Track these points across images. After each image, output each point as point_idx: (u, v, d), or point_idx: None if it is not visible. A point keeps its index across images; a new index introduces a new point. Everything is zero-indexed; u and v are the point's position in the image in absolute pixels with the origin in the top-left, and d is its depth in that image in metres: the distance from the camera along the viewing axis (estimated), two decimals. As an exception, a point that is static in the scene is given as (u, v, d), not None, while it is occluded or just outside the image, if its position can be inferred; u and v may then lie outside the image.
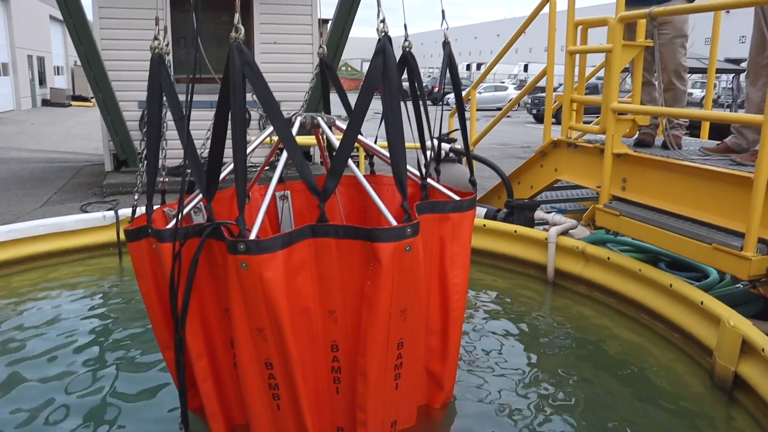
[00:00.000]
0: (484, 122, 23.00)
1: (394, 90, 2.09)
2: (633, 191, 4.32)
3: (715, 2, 3.88)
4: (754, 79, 3.96)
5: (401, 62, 2.52)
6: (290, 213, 2.90)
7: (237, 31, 1.91)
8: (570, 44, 4.73)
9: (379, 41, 2.13)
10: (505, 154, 14.91)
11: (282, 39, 10.68)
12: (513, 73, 49.11)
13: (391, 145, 2.08)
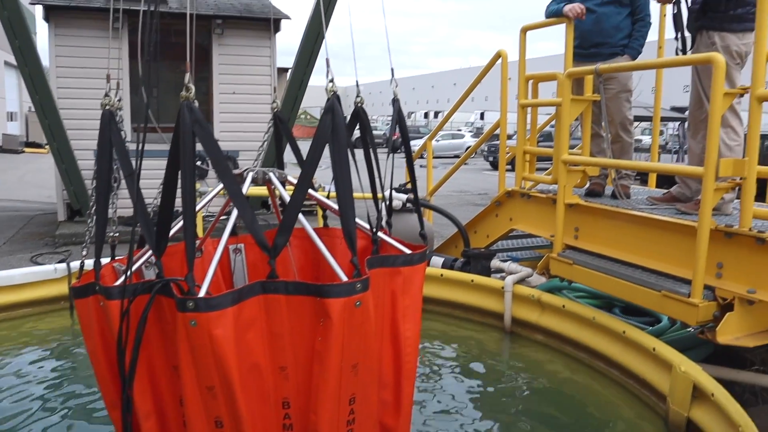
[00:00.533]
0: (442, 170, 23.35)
1: (342, 147, 2.13)
2: (585, 240, 4.43)
3: (655, 61, 4.09)
4: (694, 132, 4.15)
5: (353, 117, 2.57)
6: (244, 267, 2.88)
7: (187, 90, 1.93)
8: (522, 98, 4.89)
9: (328, 100, 2.18)
10: (463, 202, 15.13)
11: (241, 89, 10.76)
12: (470, 121, 50.31)
13: (340, 202, 2.11)
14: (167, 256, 2.19)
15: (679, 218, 3.80)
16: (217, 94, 11.00)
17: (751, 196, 3.33)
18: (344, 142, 2.14)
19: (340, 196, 2.10)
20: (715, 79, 3.26)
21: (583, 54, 4.83)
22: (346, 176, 2.11)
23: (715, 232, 3.47)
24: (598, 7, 4.75)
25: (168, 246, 2.16)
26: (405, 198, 5.61)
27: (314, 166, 2.14)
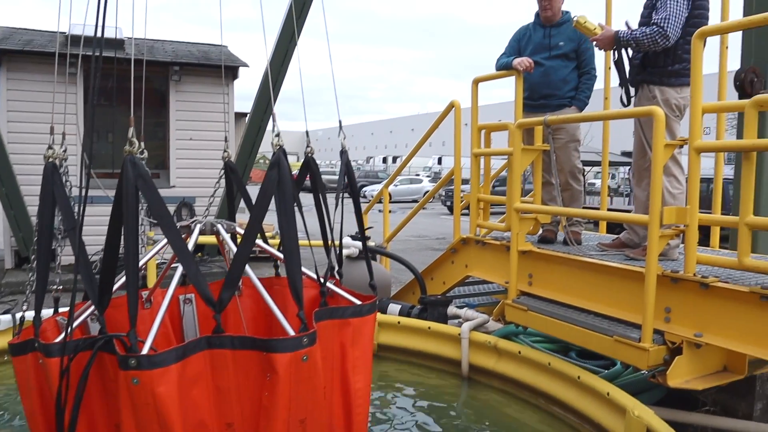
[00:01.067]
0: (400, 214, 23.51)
1: (288, 201, 2.14)
2: (539, 286, 4.48)
3: (601, 113, 4.25)
4: (638, 180, 4.29)
5: (304, 166, 2.59)
6: (194, 317, 2.82)
7: (131, 145, 1.91)
8: (475, 147, 5.00)
9: (274, 154, 2.19)
10: (422, 246, 15.19)
11: (198, 135, 10.71)
12: (428, 165, 51.00)
13: (286, 256, 2.11)
14: (114, 308, 2.13)
15: (628, 264, 3.89)
16: (174, 140, 10.93)
17: (694, 242, 3.44)
18: (290, 195, 2.15)
19: (286, 250, 2.10)
20: (655, 131, 3.40)
21: (533, 105, 4.99)
22: (292, 229, 2.12)
23: (662, 278, 3.55)
24: (546, 61, 4.93)
25: (115, 298, 2.11)
26: (361, 245, 5.60)
27: (260, 220, 2.14)
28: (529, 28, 5.12)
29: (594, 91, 5.11)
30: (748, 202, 3.17)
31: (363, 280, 5.40)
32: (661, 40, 3.92)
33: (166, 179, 11.04)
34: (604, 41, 4.27)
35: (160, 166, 11.35)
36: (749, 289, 3.20)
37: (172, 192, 10.83)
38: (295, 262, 2.11)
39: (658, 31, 3.90)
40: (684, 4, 3.92)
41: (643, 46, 3.99)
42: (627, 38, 4.07)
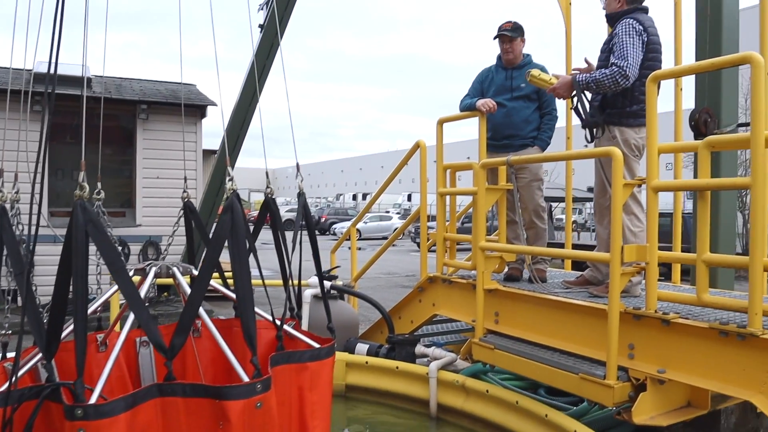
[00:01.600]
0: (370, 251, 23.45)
1: (241, 246, 2.12)
2: (506, 324, 4.48)
3: (562, 154, 4.34)
4: (600, 218, 4.35)
5: (264, 207, 2.58)
6: (152, 360, 2.74)
7: (81, 189, 1.88)
8: (440, 186, 5.03)
9: (227, 198, 2.18)
10: (391, 284, 15.14)
11: (165, 174, 10.61)
12: (397, 202, 51.23)
13: (239, 300, 2.08)
14: (66, 352, 2.06)
15: (592, 301, 3.92)
16: (141, 178, 10.81)
17: (654, 279, 3.49)
18: (243, 240, 2.13)
19: (240, 296, 2.07)
20: (614, 171, 3.47)
21: (497, 145, 5.06)
22: (246, 275, 2.10)
23: (625, 315, 3.58)
24: (509, 102, 5.03)
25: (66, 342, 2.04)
26: (329, 285, 5.56)
27: (213, 265, 2.11)
28: (491, 71, 5.23)
29: (556, 130, 5.22)
30: (705, 240, 3.24)
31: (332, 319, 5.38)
32: (621, 80, 4.02)
33: (132, 218, 10.88)
34: (561, 89, 4.37)
35: (126, 204, 11.19)
36: (708, 325, 3.24)
37: (138, 231, 10.66)
38: (249, 308, 2.08)
39: (618, 71, 4.01)
40: (639, 46, 4.06)
41: (604, 87, 4.10)
42: (587, 81, 4.17)
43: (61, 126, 10.53)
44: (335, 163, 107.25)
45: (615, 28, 4.20)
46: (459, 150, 45.22)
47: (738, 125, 5.19)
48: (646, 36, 4.10)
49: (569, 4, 6.18)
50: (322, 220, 40.64)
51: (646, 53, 4.12)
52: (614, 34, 4.18)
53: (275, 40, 8.55)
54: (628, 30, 4.07)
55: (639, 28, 4.08)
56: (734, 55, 3.22)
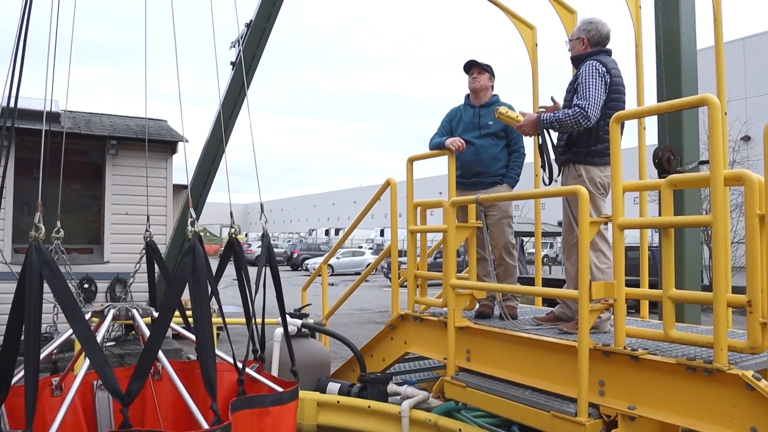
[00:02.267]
0: (342, 287, 23.29)
1: (203, 288, 2.11)
2: (477, 362, 4.48)
3: (530, 192, 4.41)
4: (568, 255, 4.42)
5: (227, 248, 2.57)
6: (110, 405, 2.67)
7: (37, 230, 1.86)
8: (411, 224, 5.07)
9: (189, 240, 2.17)
10: (364, 320, 15.05)
11: (134, 210, 10.48)
12: (370, 237, 51.21)
13: (199, 344, 2.05)
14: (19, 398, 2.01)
15: (562, 338, 3.95)
16: (109, 214, 10.66)
17: (622, 315, 3.53)
18: (205, 283, 2.12)
19: (200, 341, 2.04)
20: (581, 210, 3.53)
21: (466, 183, 5.13)
22: (206, 320, 2.08)
23: (594, 352, 3.61)
24: (477, 140, 5.11)
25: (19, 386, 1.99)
26: (300, 323, 5.51)
27: (173, 309, 2.09)
28: (459, 109, 5.34)
29: (525, 166, 5.32)
30: (670, 276, 3.30)
31: (303, 357, 5.32)
32: (583, 121, 4.14)
33: (100, 254, 10.70)
34: (527, 127, 4.49)
35: (93, 240, 11.02)
36: (676, 361, 3.29)
37: (106, 268, 10.49)
38: (209, 352, 2.06)
39: (579, 112, 4.13)
40: (602, 87, 4.19)
41: (567, 126, 4.21)
42: (550, 120, 4.28)
43: (27, 161, 10.40)
44: (308, 198, 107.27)
45: (579, 70, 4.33)
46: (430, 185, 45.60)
47: (700, 163, 5.35)
48: (609, 77, 4.24)
49: (535, 45, 6.37)
50: (294, 256, 40.38)
51: (609, 94, 4.25)
52: (578, 75, 4.32)
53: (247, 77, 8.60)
54: (591, 71, 4.21)
55: (602, 70, 4.21)
56: (692, 98, 3.34)
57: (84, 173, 11.27)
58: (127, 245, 10.48)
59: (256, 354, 2.65)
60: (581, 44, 4.48)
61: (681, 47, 5.19)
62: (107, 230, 10.70)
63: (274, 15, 7.99)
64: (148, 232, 2.93)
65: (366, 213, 6.16)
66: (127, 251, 10.43)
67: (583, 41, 4.47)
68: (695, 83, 5.33)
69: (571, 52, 4.60)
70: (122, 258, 10.38)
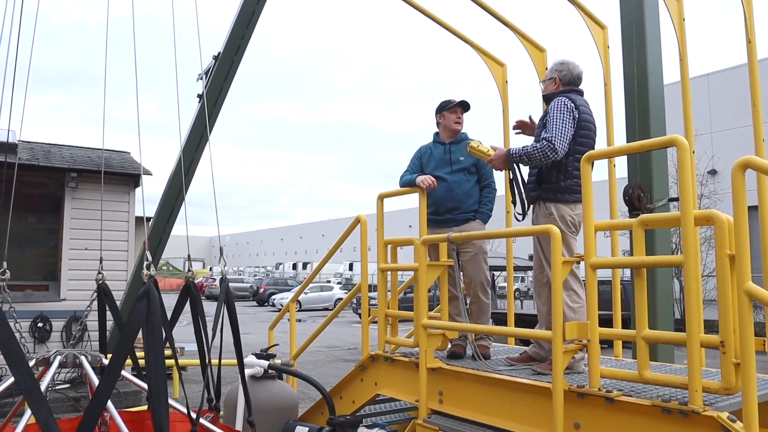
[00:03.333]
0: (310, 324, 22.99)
1: (157, 336, 2.06)
2: (450, 404, 4.44)
3: (501, 231, 4.46)
4: (538, 294, 4.45)
5: (184, 292, 2.52)
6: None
7: None
8: (381, 262, 5.06)
9: (144, 284, 2.13)
10: (332, 358, 14.87)
11: (94, 245, 10.27)
12: (339, 272, 50.98)
13: (151, 393, 1.99)
14: None
15: (535, 380, 3.94)
16: (67, 249, 10.43)
17: (596, 356, 3.55)
18: (159, 329, 2.07)
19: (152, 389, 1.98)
20: (554, 250, 3.57)
21: (439, 220, 5.16)
22: (160, 369, 2.02)
23: (569, 393, 3.61)
24: (449, 176, 5.16)
25: None
26: (266, 364, 5.41)
27: (124, 357, 2.03)
28: (429, 147, 5.39)
29: (497, 201, 5.38)
30: (643, 317, 3.34)
31: (269, 401, 5.22)
32: (550, 153, 4.23)
33: (56, 292, 10.43)
34: (498, 161, 4.57)
35: (49, 277, 10.74)
36: (651, 403, 3.30)
37: (62, 306, 10.22)
38: (162, 402, 2.00)
39: (547, 145, 4.22)
40: (570, 122, 4.30)
41: (535, 159, 4.30)
42: (519, 153, 4.37)
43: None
44: (275, 231, 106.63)
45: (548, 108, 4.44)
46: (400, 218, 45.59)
47: (669, 200, 5.47)
48: (578, 113, 4.35)
49: (506, 82, 6.50)
50: (260, 291, 39.90)
51: (578, 130, 4.35)
52: (547, 111, 4.42)
53: (213, 111, 8.59)
54: (559, 107, 4.32)
55: (570, 106, 4.33)
56: (661, 138, 3.43)
57: (41, 206, 11.04)
58: (86, 282, 10.22)
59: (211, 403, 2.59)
60: (553, 84, 4.61)
61: (648, 86, 5.35)
62: (64, 266, 10.45)
63: (243, 47, 8.03)
64: (101, 274, 2.86)
65: (334, 251, 6.14)
66: (85, 288, 10.17)
67: (555, 81, 4.60)
68: (663, 121, 5.48)
69: (544, 92, 4.73)
70: (80, 295, 10.12)
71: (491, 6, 6.24)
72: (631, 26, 5.53)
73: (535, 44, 6.29)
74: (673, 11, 5.13)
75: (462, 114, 5.31)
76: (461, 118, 5.31)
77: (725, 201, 22.32)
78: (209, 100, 8.40)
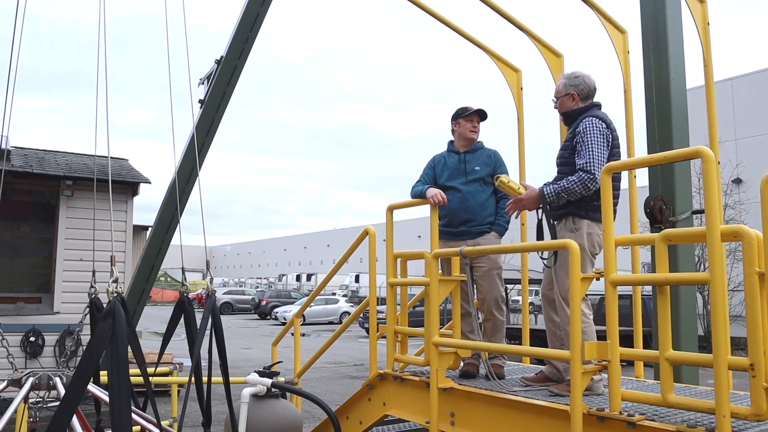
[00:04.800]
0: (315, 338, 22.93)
1: (121, 357, 2.01)
2: (462, 426, 4.42)
3: (518, 246, 4.44)
4: (546, 311, 4.43)
5: (178, 307, 2.51)
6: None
7: None
8: (391, 276, 5.05)
9: (109, 302, 2.09)
10: (338, 374, 14.84)
11: (90, 256, 10.31)
12: (344, 284, 50.93)
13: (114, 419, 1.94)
14: None
15: (552, 401, 3.92)
16: (61, 260, 10.47)
17: (617, 378, 3.52)
18: (125, 350, 2.02)
19: (115, 414, 1.94)
20: (572, 265, 3.55)
21: (453, 232, 5.13)
22: (124, 389, 1.98)
23: (588, 417, 3.58)
24: (463, 186, 5.15)
25: None
26: (269, 382, 5.40)
27: (86, 381, 1.99)
28: (443, 156, 5.38)
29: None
30: (667, 338, 3.31)
31: (272, 421, 5.20)
32: (591, 185, 4.15)
33: (49, 304, 10.46)
34: (529, 202, 4.38)
35: (42, 288, 10.78)
36: (676, 428, 3.27)
37: (56, 319, 10.24)
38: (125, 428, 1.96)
39: (587, 176, 4.14)
40: (604, 146, 4.22)
41: (575, 194, 4.19)
42: (556, 192, 4.23)
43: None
44: (278, 240, 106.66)
45: (578, 127, 4.36)
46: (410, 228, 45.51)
47: (693, 212, 5.45)
48: (609, 132, 4.30)
49: (521, 88, 6.50)
50: (263, 303, 39.90)
51: (611, 149, 4.31)
52: (578, 132, 4.32)
53: (216, 116, 8.63)
54: (592, 130, 4.23)
55: (602, 127, 4.25)
56: (685, 150, 3.41)
57: (34, 214, 11.11)
58: (81, 294, 10.21)
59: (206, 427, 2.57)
60: (571, 100, 4.52)
61: (671, 93, 5.34)
62: (58, 277, 10.49)
63: (246, 51, 8.08)
64: (93, 288, 2.84)
65: (341, 264, 6.13)
66: (80, 301, 10.17)
67: (573, 97, 4.52)
68: (686, 130, 5.47)
69: (560, 109, 4.64)
70: (74, 308, 10.15)
71: (505, 9, 6.25)
72: (652, 30, 5.53)
73: (552, 49, 6.30)
74: (697, 15, 5.13)
75: (478, 123, 5.30)
76: (477, 127, 5.30)
77: (750, 211, 22.19)
78: (211, 105, 8.45)
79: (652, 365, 5.10)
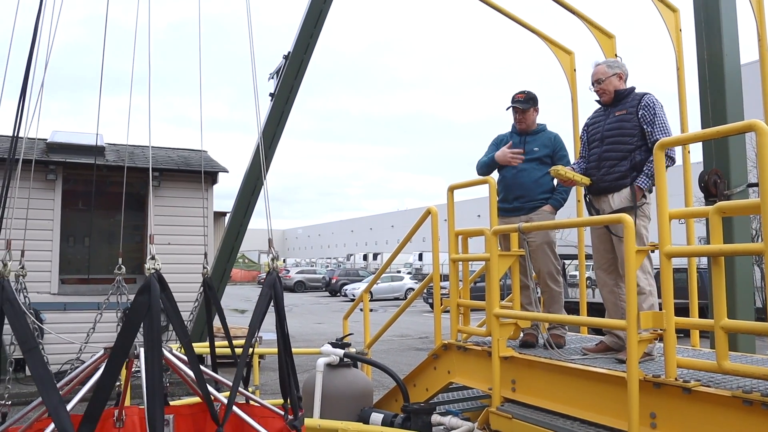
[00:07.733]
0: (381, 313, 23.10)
1: (156, 331, 2.05)
2: (523, 392, 4.44)
3: (573, 221, 4.40)
4: (602, 283, 4.39)
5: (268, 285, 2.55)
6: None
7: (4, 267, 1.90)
8: (452, 252, 5.09)
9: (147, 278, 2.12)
10: (404, 347, 14.99)
11: (177, 240, 10.73)
12: (408, 262, 51.12)
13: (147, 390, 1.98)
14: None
15: (609, 369, 3.90)
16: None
17: (673, 346, 3.48)
18: (158, 326, 2.06)
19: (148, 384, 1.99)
20: (627, 239, 3.51)
21: (507, 209, 5.13)
22: (157, 362, 2.03)
23: (645, 383, 3.55)
24: (521, 164, 5.12)
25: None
26: (342, 353, 5.55)
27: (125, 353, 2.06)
28: (506, 135, 5.37)
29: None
30: (722, 306, 3.24)
31: (345, 388, 5.35)
32: (669, 162, 4.11)
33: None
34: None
35: (137, 270, 11.29)
36: (731, 394, 3.21)
37: (149, 297, 10.72)
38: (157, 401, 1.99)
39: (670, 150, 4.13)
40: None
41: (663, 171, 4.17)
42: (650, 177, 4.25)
43: (72, 193, 10.81)
44: (345, 223, 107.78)
45: (641, 102, 4.35)
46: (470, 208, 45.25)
47: (748, 185, 5.25)
48: None
49: (574, 70, 6.37)
50: (333, 281, 40.57)
51: None
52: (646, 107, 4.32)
53: (285, 108, 8.80)
54: (660, 106, 4.30)
55: (660, 103, 4.31)
56: (739, 124, 3.31)
57: (127, 204, 11.63)
58: (169, 275, 10.62)
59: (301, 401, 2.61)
60: (619, 79, 4.53)
61: (724, 68, 5.14)
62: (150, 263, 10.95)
63: (311, 46, 8.19)
64: (206, 269, 2.95)
65: (405, 243, 6.19)
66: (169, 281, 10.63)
67: (620, 76, 4.55)
68: (741, 105, 5.26)
69: (607, 89, 4.55)
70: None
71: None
72: (704, 7, 5.32)
73: (604, 30, 6.14)
74: (751, -10, 4.90)
75: (522, 113, 5.18)
76: (521, 117, 5.17)
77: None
78: (281, 98, 8.62)
79: (708, 336, 4.98)
